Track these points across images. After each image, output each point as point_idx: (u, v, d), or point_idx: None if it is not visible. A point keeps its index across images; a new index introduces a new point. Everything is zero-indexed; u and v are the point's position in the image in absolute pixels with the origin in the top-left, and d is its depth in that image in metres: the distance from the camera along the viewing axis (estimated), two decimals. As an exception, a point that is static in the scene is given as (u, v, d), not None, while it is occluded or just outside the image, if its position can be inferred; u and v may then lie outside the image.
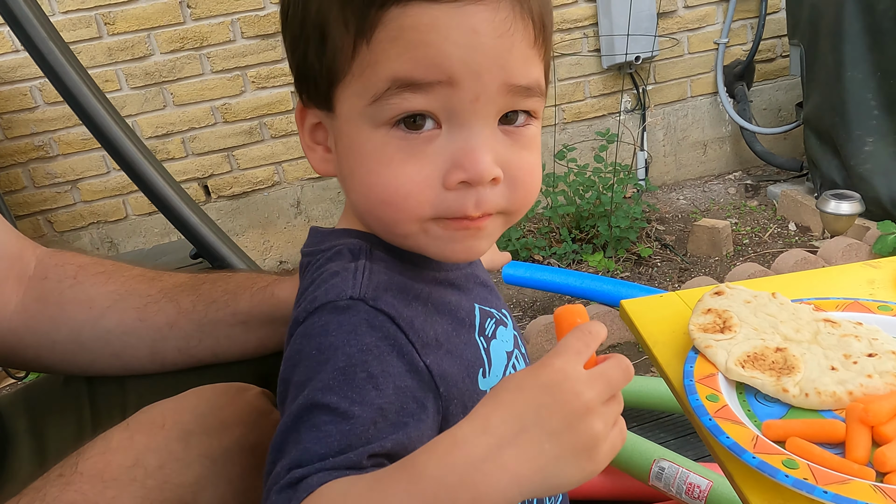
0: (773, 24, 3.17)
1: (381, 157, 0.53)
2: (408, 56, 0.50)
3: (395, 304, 0.55)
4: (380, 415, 0.49)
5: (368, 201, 0.56)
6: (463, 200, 0.53)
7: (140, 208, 2.96)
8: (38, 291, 0.86)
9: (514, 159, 0.55)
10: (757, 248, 2.73)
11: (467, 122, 0.53)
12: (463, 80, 0.51)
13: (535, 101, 0.56)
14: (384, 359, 0.52)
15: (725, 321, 0.81)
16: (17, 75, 2.68)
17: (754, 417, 0.70)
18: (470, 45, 0.50)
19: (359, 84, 0.53)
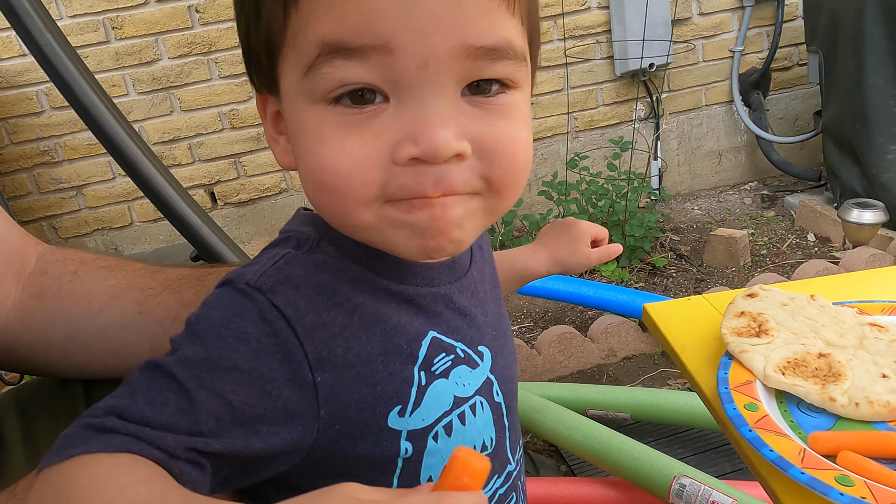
0: (789, 32, 3.12)
1: (319, 136, 0.46)
2: (334, 14, 0.43)
3: (299, 305, 0.49)
4: (226, 411, 0.45)
5: (311, 188, 0.48)
6: (419, 178, 0.45)
7: (145, 215, 2.93)
8: (37, 287, 0.82)
9: (487, 131, 0.46)
10: (775, 258, 2.66)
11: (419, 93, 0.44)
12: (403, 44, 0.43)
13: (506, 66, 0.46)
14: (261, 357, 0.47)
15: (761, 324, 0.75)
16: (24, 79, 2.66)
17: (798, 429, 0.63)
18: (406, 2, 0.42)
19: (293, 55, 0.46)
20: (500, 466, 0.61)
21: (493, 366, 0.60)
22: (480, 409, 0.58)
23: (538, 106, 3.06)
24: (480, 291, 0.61)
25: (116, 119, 1.21)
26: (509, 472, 0.63)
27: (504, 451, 0.61)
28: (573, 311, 2.47)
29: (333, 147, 0.45)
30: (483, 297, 0.61)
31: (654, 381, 2.05)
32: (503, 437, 0.61)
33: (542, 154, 3.13)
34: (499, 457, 0.60)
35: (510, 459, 0.63)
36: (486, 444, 0.59)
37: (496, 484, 0.61)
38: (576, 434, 1.57)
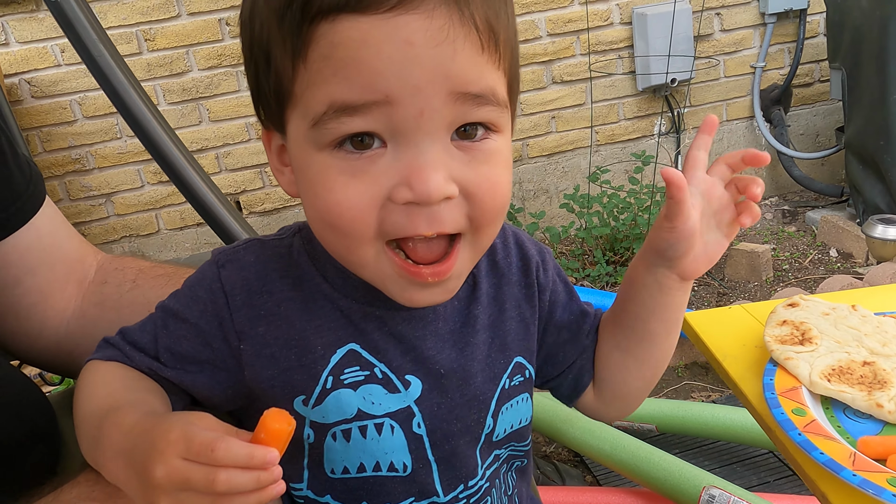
0: (811, 49, 3.13)
1: (325, 181, 0.51)
2: (341, 75, 0.47)
3: (236, 283, 0.59)
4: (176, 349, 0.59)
5: (319, 227, 0.54)
6: (413, 218, 0.50)
7: (172, 222, 2.97)
8: (98, 296, 0.85)
9: (472, 175, 0.51)
10: (798, 273, 2.66)
11: (413, 139, 0.49)
12: (401, 97, 0.48)
13: (490, 111, 0.51)
14: (204, 316, 0.59)
15: (804, 333, 0.76)
16: (58, 89, 2.72)
17: (846, 434, 0.65)
18: (405, 58, 0.47)
19: (301, 106, 0.51)
20: (420, 493, 0.63)
21: (420, 399, 0.61)
22: (389, 431, 0.60)
23: (560, 120, 3.09)
24: (442, 330, 0.62)
25: (162, 127, 1.25)
26: (434, 503, 0.63)
27: (427, 482, 0.62)
28: (595, 323, 2.48)
29: (338, 193, 0.50)
30: (441, 336, 0.62)
31: (677, 393, 2.06)
32: (426, 469, 0.62)
33: (563, 167, 3.15)
34: (416, 485, 0.62)
35: (437, 492, 0.63)
36: (395, 465, 0.61)
37: None
38: (603, 444, 1.58)
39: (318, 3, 0.47)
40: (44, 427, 0.77)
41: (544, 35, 2.95)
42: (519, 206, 3.07)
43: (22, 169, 0.79)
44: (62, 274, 0.83)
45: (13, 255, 0.78)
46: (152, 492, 0.46)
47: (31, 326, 0.81)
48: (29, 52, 2.65)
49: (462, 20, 0.47)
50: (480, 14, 0.48)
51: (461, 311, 0.63)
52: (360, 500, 0.62)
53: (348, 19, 0.47)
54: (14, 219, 0.78)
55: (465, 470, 0.64)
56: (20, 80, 2.68)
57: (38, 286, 0.81)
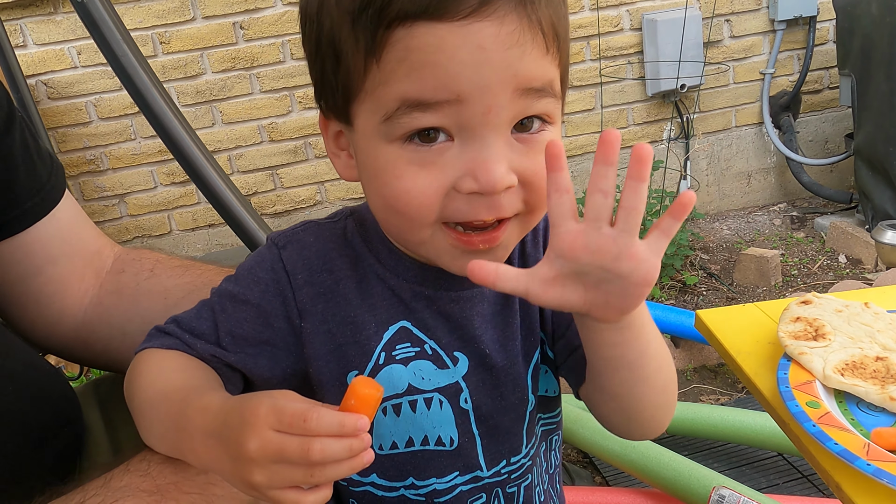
0: (820, 56, 3.14)
1: (395, 170, 0.54)
2: (416, 76, 0.50)
3: (297, 263, 0.62)
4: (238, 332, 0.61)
5: (383, 212, 0.57)
6: (475, 205, 0.53)
7: (184, 223, 3.00)
8: (115, 285, 0.87)
9: (530, 165, 0.54)
10: (806, 279, 2.66)
11: (479, 134, 0.52)
12: (472, 97, 0.50)
13: (548, 103, 0.54)
14: (266, 296, 0.62)
15: (817, 329, 0.78)
16: (74, 91, 2.75)
17: (860, 426, 0.66)
18: (477, 62, 0.50)
19: (372, 102, 0.53)
20: (465, 468, 0.66)
21: (467, 375, 0.64)
22: (438, 406, 0.64)
23: (570, 124, 3.11)
24: (486, 311, 0.65)
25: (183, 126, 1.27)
26: (478, 477, 0.67)
27: (472, 455, 0.66)
28: (604, 326, 2.49)
29: (407, 181, 0.53)
30: (485, 316, 0.65)
31: (686, 396, 2.07)
32: (471, 443, 0.66)
33: (572, 172, 3.17)
34: (462, 458, 0.66)
35: (481, 466, 0.66)
36: (442, 440, 0.64)
37: (457, 480, 0.66)
38: (612, 444, 1.59)
39: (395, 10, 0.49)
40: (69, 413, 0.79)
41: (555, 40, 2.98)
42: (528, 209, 3.08)
43: (44, 161, 0.82)
44: (81, 264, 0.85)
45: (36, 245, 0.81)
46: (246, 466, 0.47)
47: (51, 314, 0.84)
48: (46, 54, 2.69)
49: (531, 25, 0.51)
50: (546, 17, 0.52)
51: (501, 294, 0.65)
52: (407, 476, 0.65)
53: (425, 25, 0.49)
54: (37, 209, 0.80)
55: (510, 445, 0.67)
56: (37, 81, 2.71)
57: (58, 275, 0.83)
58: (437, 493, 0.66)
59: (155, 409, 0.58)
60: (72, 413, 0.80)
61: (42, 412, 0.73)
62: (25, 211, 0.79)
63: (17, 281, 0.81)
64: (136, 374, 0.62)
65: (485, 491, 0.68)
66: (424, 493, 0.65)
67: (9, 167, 0.77)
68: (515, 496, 0.69)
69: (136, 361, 0.63)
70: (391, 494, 0.66)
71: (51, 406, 0.75)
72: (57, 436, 0.75)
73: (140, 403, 0.60)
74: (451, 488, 0.66)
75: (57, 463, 0.73)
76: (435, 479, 0.65)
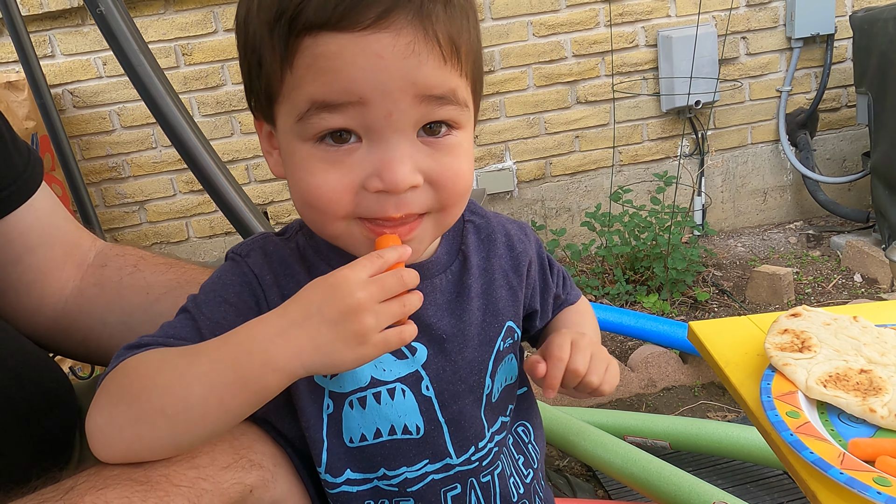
0: (838, 74, 3.13)
1: (308, 167, 0.59)
2: (322, 80, 0.55)
3: (263, 267, 0.66)
4: (219, 329, 0.61)
5: (300, 205, 0.62)
6: (383, 203, 0.59)
7: (201, 231, 3.06)
8: (97, 277, 0.89)
9: (435, 166, 0.59)
10: (820, 297, 2.64)
11: (384, 136, 0.57)
12: (372, 99, 0.56)
13: (451, 111, 0.59)
14: (242, 297, 0.65)
15: (804, 341, 0.78)
16: (99, 100, 2.83)
17: (839, 437, 0.67)
18: (375, 68, 0.55)
19: (288, 104, 0.59)
20: (434, 455, 0.69)
21: (426, 363, 0.68)
22: (401, 395, 0.67)
23: (583, 139, 3.12)
24: (440, 300, 0.69)
25: (196, 135, 1.31)
26: (448, 465, 0.69)
27: (439, 443, 0.69)
28: (613, 340, 2.49)
29: (318, 178, 0.59)
30: (439, 305, 0.69)
31: (693, 412, 2.05)
32: (437, 430, 0.69)
33: (585, 186, 3.18)
34: (429, 446, 0.68)
35: (450, 453, 0.69)
36: (408, 428, 0.68)
37: (428, 468, 0.69)
38: (614, 458, 1.59)
39: (302, 21, 0.55)
40: (59, 394, 0.81)
41: (570, 56, 3.00)
42: (541, 223, 3.10)
43: (20, 151, 0.84)
44: (60, 254, 0.87)
45: (14, 234, 0.83)
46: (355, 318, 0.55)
47: (31, 302, 0.86)
48: (73, 65, 2.77)
49: (426, 37, 0.56)
50: (443, 31, 0.57)
51: (455, 283, 0.71)
52: (378, 467, 0.67)
53: (329, 35, 0.55)
54: (14, 197, 0.82)
55: (474, 431, 0.70)
56: (63, 90, 2.80)
57: (37, 264, 0.85)
58: (409, 482, 0.68)
59: (189, 372, 0.56)
60: (63, 395, 0.81)
61: (31, 394, 0.75)
62: (2, 199, 0.80)
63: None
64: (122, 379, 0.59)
65: (458, 481, 0.70)
66: (396, 482, 0.68)
67: None
68: (491, 486, 0.72)
69: (121, 367, 0.60)
70: (365, 487, 0.68)
71: (40, 388, 0.77)
72: (47, 416, 0.76)
73: (158, 382, 0.57)
74: (421, 476, 0.69)
75: (48, 444, 0.75)
76: (406, 468, 0.68)
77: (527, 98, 3.03)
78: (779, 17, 3.05)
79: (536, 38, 2.96)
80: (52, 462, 0.65)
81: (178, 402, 0.56)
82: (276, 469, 0.68)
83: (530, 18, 2.93)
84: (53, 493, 0.56)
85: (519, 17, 2.92)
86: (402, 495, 0.68)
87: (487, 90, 2.98)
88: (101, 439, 0.58)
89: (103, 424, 0.58)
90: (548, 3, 2.92)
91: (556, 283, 0.81)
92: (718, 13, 3.00)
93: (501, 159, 3.11)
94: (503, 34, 2.93)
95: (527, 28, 2.95)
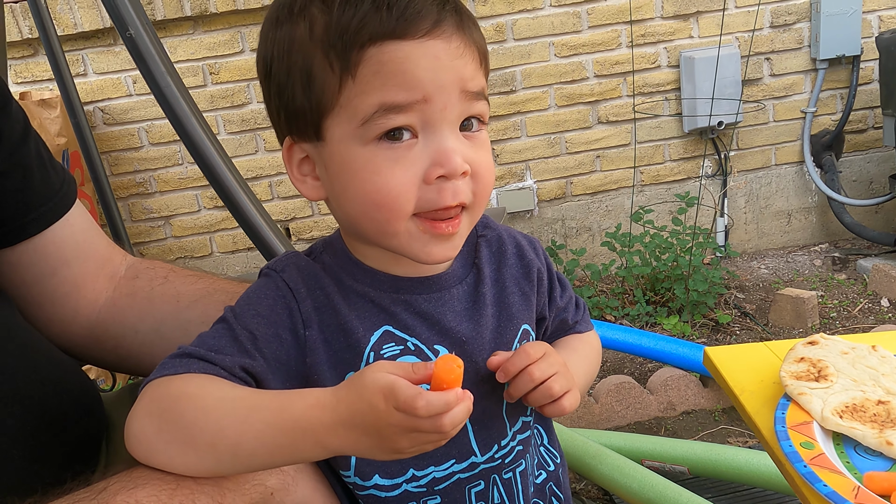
0: (864, 95, 3.10)
1: (373, 167, 0.64)
2: (391, 83, 0.62)
3: (298, 281, 0.70)
4: (253, 338, 0.66)
5: (364, 207, 0.66)
6: (442, 193, 0.64)
7: (224, 246, 3.10)
8: (129, 288, 0.93)
9: (475, 157, 0.66)
10: (846, 322, 2.59)
11: (438, 129, 0.64)
12: (434, 95, 0.63)
13: (483, 105, 0.67)
14: (275, 309, 0.68)
15: (821, 370, 0.77)
16: (128, 117, 2.90)
17: (854, 469, 0.65)
18: (435, 67, 0.63)
19: (346, 112, 0.63)
20: (460, 455, 0.73)
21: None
22: None
23: (605, 159, 3.12)
24: (458, 307, 0.74)
25: (219, 153, 1.33)
26: (474, 464, 0.74)
27: (464, 442, 0.73)
28: (632, 361, 2.46)
29: (385, 175, 0.64)
30: (458, 312, 0.74)
31: (713, 437, 2.02)
32: (462, 429, 0.71)
33: (606, 206, 3.17)
34: (456, 446, 0.73)
35: (475, 451, 0.74)
36: None
37: (455, 468, 0.73)
38: (631, 482, 1.57)
39: (367, 33, 0.61)
40: (88, 403, 0.84)
41: (591, 76, 3.01)
42: (561, 242, 3.09)
43: (56, 171, 0.88)
44: (94, 267, 0.91)
45: (50, 248, 0.86)
46: (391, 440, 0.56)
47: (66, 314, 0.89)
48: (104, 83, 2.85)
49: (468, 43, 0.65)
50: (477, 39, 0.67)
51: (470, 293, 0.76)
52: (407, 469, 0.71)
53: (393, 44, 0.62)
54: (51, 213, 0.86)
55: (497, 430, 0.75)
56: (95, 107, 2.87)
57: (72, 277, 0.88)
58: (437, 482, 0.72)
59: (246, 424, 0.59)
60: (91, 405, 0.84)
61: (62, 401, 0.78)
62: (41, 215, 0.85)
63: (34, 282, 0.86)
64: (177, 400, 0.62)
65: (482, 478, 0.74)
66: (425, 483, 0.71)
67: (25, 175, 0.83)
68: (513, 482, 0.76)
69: (173, 383, 0.63)
70: (394, 493, 0.71)
71: (70, 396, 0.80)
72: (77, 423, 0.79)
73: (212, 419, 0.60)
74: (449, 475, 0.73)
75: (77, 450, 0.78)
76: (434, 468, 0.72)
77: (548, 118, 3.04)
78: (803, 38, 3.03)
79: (558, 59, 2.97)
80: (82, 467, 0.67)
81: (230, 446, 0.60)
82: (298, 474, 0.70)
83: (552, 39, 2.95)
84: (87, 494, 0.60)
85: (540, 38, 2.94)
86: (430, 494, 0.72)
87: (508, 109, 3.00)
88: (144, 446, 0.63)
89: (150, 434, 0.62)
90: (570, 24, 2.94)
91: (563, 303, 0.85)
92: (742, 34, 3.00)
93: (522, 178, 3.11)
94: (524, 55, 2.95)
95: (548, 49, 2.96)
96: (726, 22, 2.93)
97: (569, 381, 0.72)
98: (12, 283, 0.85)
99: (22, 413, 0.72)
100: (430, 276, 0.73)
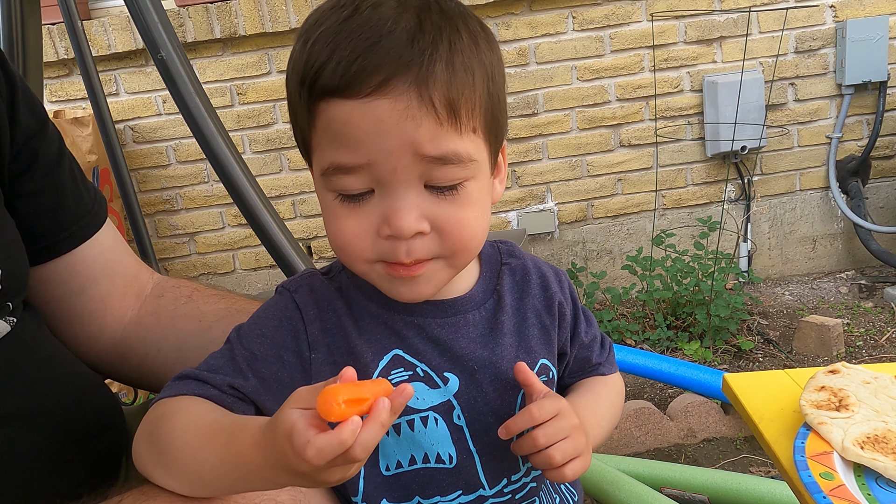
0: (891, 121, 3.06)
1: (335, 214, 0.64)
2: (336, 144, 0.61)
3: (308, 303, 0.70)
4: (251, 358, 0.67)
5: (331, 245, 0.67)
6: (395, 248, 0.63)
7: (247, 263, 3.14)
8: (154, 307, 0.95)
9: (442, 214, 0.63)
10: (872, 351, 2.54)
11: (392, 188, 0.62)
12: (378, 160, 0.60)
13: (452, 170, 0.62)
14: (279, 331, 0.68)
15: (841, 399, 0.76)
16: (157, 136, 2.97)
17: (875, 502, 0.64)
18: (378, 130, 0.59)
19: (316, 158, 0.64)
20: (467, 486, 0.71)
21: (458, 393, 0.70)
22: (434, 424, 0.70)
23: (626, 182, 3.11)
24: (472, 333, 0.72)
25: (244, 172, 1.36)
26: (482, 497, 0.72)
27: (472, 473, 0.71)
28: (652, 386, 2.44)
29: (342, 223, 0.64)
30: (472, 338, 0.72)
31: (735, 466, 1.99)
32: (469, 460, 0.71)
33: (627, 229, 3.16)
34: (462, 477, 0.71)
35: (483, 484, 0.72)
36: (441, 457, 0.70)
37: (461, 499, 0.71)
38: (649, 510, 1.54)
39: (319, 87, 0.60)
40: (110, 417, 0.85)
41: (613, 100, 3.02)
42: (581, 265, 3.08)
43: (88, 191, 0.91)
44: (121, 286, 0.93)
45: (80, 266, 0.88)
46: (311, 477, 0.53)
47: (92, 330, 0.91)
48: (135, 102, 2.92)
49: (421, 102, 0.59)
50: (440, 94, 0.60)
51: (489, 320, 0.74)
52: (413, 496, 0.70)
53: (339, 101, 0.59)
54: (82, 232, 0.88)
55: (507, 463, 0.72)
56: (125, 126, 2.94)
57: (100, 295, 0.90)
58: None
59: (203, 453, 0.59)
60: (113, 418, 0.85)
61: (85, 415, 0.79)
62: (72, 233, 0.87)
63: (63, 298, 0.88)
64: (159, 422, 0.64)
65: None
66: None
67: (59, 194, 0.85)
68: None
69: (164, 407, 0.65)
70: None
71: (93, 410, 0.81)
72: (99, 438, 0.80)
73: (179, 445, 0.61)
74: None
75: (98, 463, 0.79)
76: (439, 498, 0.70)
77: (570, 140, 3.05)
78: (828, 63, 3.01)
79: (580, 82, 2.99)
80: (100, 481, 0.69)
81: (194, 472, 0.60)
82: (309, 492, 0.70)
83: (574, 63, 2.97)
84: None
85: (563, 62, 2.96)
86: None
87: (530, 132, 3.01)
88: (140, 465, 0.65)
89: (143, 454, 0.65)
90: (592, 49, 2.96)
91: (587, 339, 0.82)
92: (766, 59, 2.99)
93: (543, 200, 3.12)
94: (547, 78, 2.97)
95: (571, 72, 2.98)
96: (750, 47, 2.92)
97: (578, 447, 0.66)
98: (42, 299, 0.87)
99: (45, 426, 0.73)
100: (445, 299, 0.72)
